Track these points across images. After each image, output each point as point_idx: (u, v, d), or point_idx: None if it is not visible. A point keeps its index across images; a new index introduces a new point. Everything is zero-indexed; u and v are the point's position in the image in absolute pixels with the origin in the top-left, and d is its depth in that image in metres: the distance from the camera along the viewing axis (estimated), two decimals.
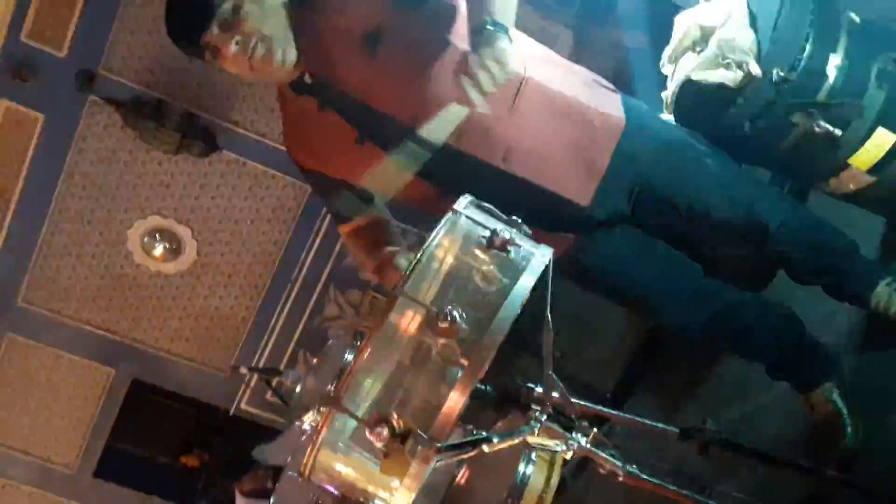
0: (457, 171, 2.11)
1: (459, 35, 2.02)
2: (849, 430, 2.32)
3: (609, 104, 2.26)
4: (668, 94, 2.46)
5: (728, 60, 2.25)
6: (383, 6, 2.10)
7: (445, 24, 2.07)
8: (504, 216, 1.59)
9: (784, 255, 2.40)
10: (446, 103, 1.97)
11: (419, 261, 1.47)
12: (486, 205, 1.61)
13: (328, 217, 5.06)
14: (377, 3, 2.10)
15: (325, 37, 2.11)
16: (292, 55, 2.09)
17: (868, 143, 2.21)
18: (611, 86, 2.35)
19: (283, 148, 2.43)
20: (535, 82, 2.15)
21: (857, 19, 2.27)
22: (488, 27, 1.89)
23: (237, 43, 2.03)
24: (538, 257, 1.54)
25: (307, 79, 2.15)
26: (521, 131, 2.14)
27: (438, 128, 1.96)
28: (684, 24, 2.39)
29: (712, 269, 2.49)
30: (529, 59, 2.20)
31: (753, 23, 2.27)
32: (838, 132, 2.19)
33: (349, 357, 1.74)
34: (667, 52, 2.46)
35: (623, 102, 2.29)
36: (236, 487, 4.85)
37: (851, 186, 2.32)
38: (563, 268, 2.26)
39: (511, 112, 2.08)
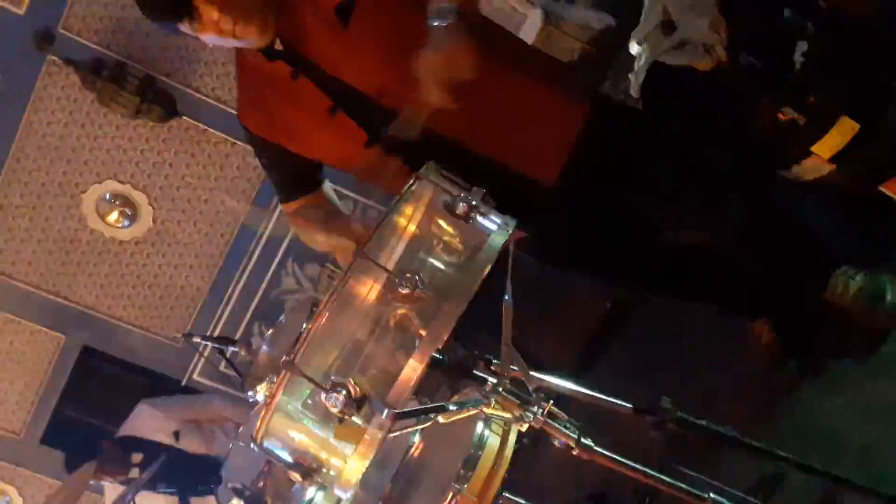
0: (422, 148, 2.09)
1: (430, 12, 2.00)
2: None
3: (574, 88, 2.26)
4: (635, 76, 2.46)
5: (696, 44, 2.25)
6: None
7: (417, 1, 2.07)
8: (468, 185, 1.58)
9: (739, 246, 2.42)
10: (416, 80, 1.96)
11: (381, 226, 1.45)
12: (450, 174, 1.59)
13: None
14: None
15: (299, 5, 2.08)
16: (267, 25, 2.07)
17: (831, 132, 2.23)
18: (576, 70, 2.37)
19: None
20: (499, 64, 2.13)
21: (825, 6, 2.28)
22: (448, 12, 1.89)
23: (215, 5, 2.00)
24: (501, 227, 1.52)
25: (277, 45, 2.12)
26: (487, 111, 2.12)
27: (410, 123, 1.96)
28: (655, 6, 2.39)
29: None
30: (496, 41, 2.20)
31: (723, 7, 2.27)
32: (802, 119, 2.21)
33: (307, 324, 1.71)
34: (636, 32, 2.46)
35: (588, 88, 2.30)
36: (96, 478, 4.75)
37: (813, 174, 2.33)
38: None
39: (478, 92, 2.07)
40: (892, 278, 2.31)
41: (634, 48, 2.49)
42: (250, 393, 3.14)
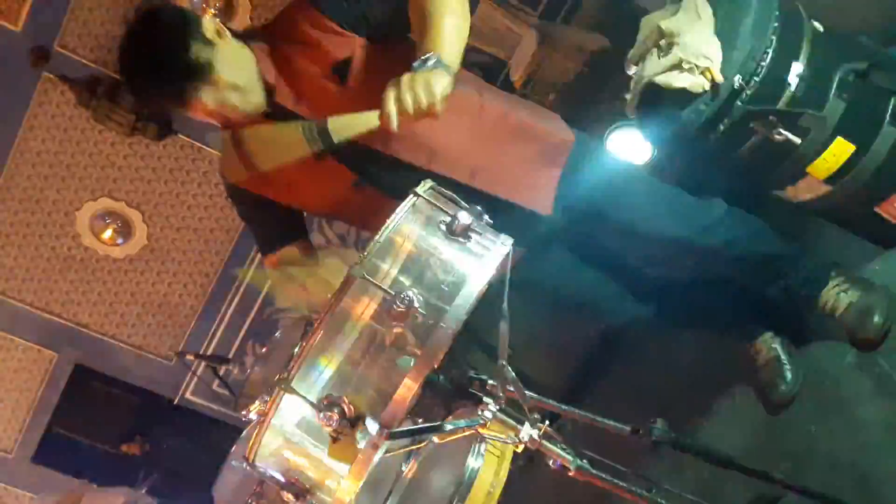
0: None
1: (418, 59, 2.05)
2: (788, 374, 2.48)
3: (556, 125, 2.35)
4: (630, 96, 2.47)
5: (690, 66, 2.25)
6: (350, 35, 2.11)
7: (407, 60, 2.12)
8: (465, 204, 1.58)
9: (730, 274, 2.45)
10: (412, 132, 1.99)
11: (377, 243, 1.44)
12: (447, 192, 1.59)
13: None
14: (346, 36, 2.11)
15: (294, 67, 2.11)
16: (259, 98, 2.10)
17: (826, 153, 2.23)
18: (554, 114, 2.44)
19: None
20: (490, 106, 2.23)
21: (821, 29, 2.28)
22: (431, 61, 1.91)
23: (210, 94, 2.03)
24: (498, 246, 1.52)
25: (267, 108, 2.15)
26: (483, 151, 2.21)
27: (344, 129, 1.96)
28: (650, 27, 2.39)
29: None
30: (483, 89, 2.30)
31: (718, 29, 2.28)
32: (797, 140, 2.21)
33: (301, 342, 1.71)
34: (632, 53, 2.47)
35: (568, 126, 2.38)
36: None
37: (808, 195, 2.34)
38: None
39: (473, 134, 2.19)
40: (883, 297, 2.32)
41: (630, 68, 2.50)
42: (244, 412, 3.14)
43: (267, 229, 2.37)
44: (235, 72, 2.05)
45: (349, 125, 1.92)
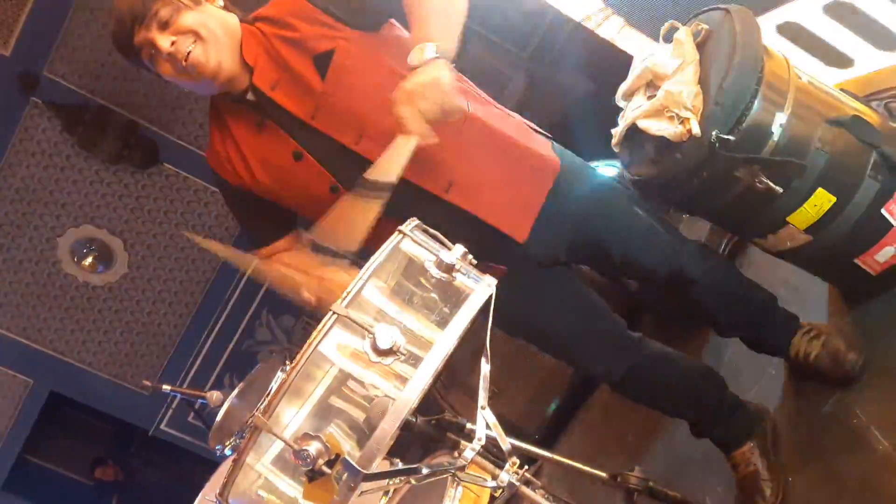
0: (400, 199, 2.10)
1: (407, 66, 2.01)
2: (767, 491, 2.36)
3: (544, 147, 2.31)
4: (617, 131, 2.47)
5: (671, 114, 2.26)
6: (338, 28, 2.10)
7: (395, 54, 2.09)
8: (450, 243, 1.57)
9: (705, 307, 2.44)
10: (390, 131, 1.97)
11: (359, 282, 1.44)
12: (432, 230, 1.59)
13: None
14: (333, 25, 2.10)
15: (276, 54, 2.10)
16: (227, 63, 2.08)
17: (807, 203, 2.24)
18: (544, 132, 2.39)
19: None
20: (477, 118, 2.18)
21: (806, 80, 2.31)
22: (427, 51, 1.91)
23: (172, 43, 2.03)
24: (482, 287, 1.52)
25: (250, 96, 2.14)
26: (463, 164, 2.16)
27: (389, 167, 1.95)
28: (641, 64, 2.40)
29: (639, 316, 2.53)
30: (471, 97, 2.24)
31: (703, 77, 2.29)
32: (779, 189, 2.22)
33: (279, 378, 1.69)
34: (622, 86, 2.47)
35: (555, 148, 2.34)
36: None
37: (788, 244, 2.35)
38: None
39: (454, 145, 2.10)
40: (852, 335, 2.34)
41: (619, 101, 2.50)
42: (218, 447, 3.10)
43: (256, 221, 2.33)
44: (200, 22, 2.05)
45: (392, 165, 1.93)
